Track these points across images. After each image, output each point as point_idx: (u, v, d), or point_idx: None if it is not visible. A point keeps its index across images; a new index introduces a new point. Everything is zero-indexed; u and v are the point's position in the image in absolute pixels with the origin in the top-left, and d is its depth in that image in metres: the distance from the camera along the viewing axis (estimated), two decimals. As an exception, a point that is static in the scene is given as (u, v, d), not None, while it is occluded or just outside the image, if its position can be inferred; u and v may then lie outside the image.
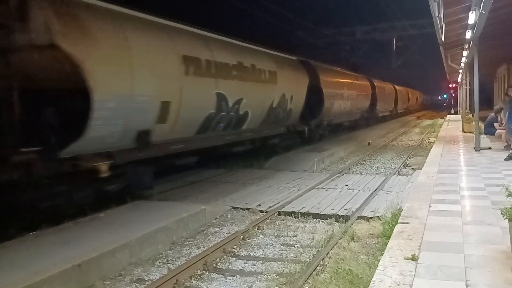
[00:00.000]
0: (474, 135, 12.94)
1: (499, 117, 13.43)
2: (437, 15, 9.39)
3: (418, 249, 4.34)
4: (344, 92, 20.44)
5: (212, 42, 10.05)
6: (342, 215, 7.62)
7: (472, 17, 9.16)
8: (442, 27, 10.65)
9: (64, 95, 6.42)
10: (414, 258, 4.05)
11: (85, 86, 6.24)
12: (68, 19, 6.35)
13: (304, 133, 16.21)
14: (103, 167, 6.96)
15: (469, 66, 17.61)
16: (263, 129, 12.99)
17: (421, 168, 10.13)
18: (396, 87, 37.71)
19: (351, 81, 22.04)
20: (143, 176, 8.40)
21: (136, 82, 7.29)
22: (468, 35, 11.17)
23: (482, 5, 7.99)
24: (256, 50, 12.60)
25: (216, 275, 5.49)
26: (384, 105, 31.43)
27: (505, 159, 10.05)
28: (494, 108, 14.95)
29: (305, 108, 15.53)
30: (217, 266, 5.77)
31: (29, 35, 6.03)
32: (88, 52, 6.41)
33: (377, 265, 4.03)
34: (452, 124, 25.84)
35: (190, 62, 8.74)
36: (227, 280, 5.34)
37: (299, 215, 7.85)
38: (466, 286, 3.49)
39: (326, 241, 6.39)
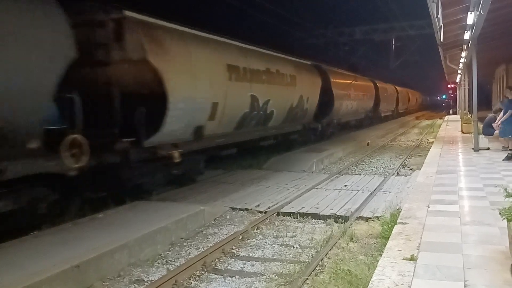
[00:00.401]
0: (472, 135, 12.95)
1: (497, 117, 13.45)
2: (435, 15, 9.40)
3: (417, 249, 4.34)
4: (351, 93, 21.97)
5: (247, 51, 12.05)
6: (341, 216, 7.63)
7: (470, 18, 9.17)
8: (441, 27, 10.66)
9: (149, 98, 8.10)
10: (413, 259, 4.06)
11: (164, 91, 8.08)
12: (155, 40, 8.25)
13: (317, 130, 18.01)
14: (175, 154, 8.93)
15: (468, 66, 17.63)
16: (284, 127, 14.84)
17: (420, 169, 10.14)
18: (397, 88, 38.98)
19: (357, 82, 23.74)
20: (198, 163, 10.43)
21: (196, 87, 9.18)
22: (467, 35, 11.19)
23: (480, 5, 8.01)
24: (279, 57, 14.40)
25: (215, 275, 5.49)
26: (386, 105, 33.05)
27: (503, 160, 10.07)
28: (493, 108, 14.97)
29: (318, 108, 17.32)
30: (216, 267, 5.77)
31: (124, 52, 7.74)
32: (167, 65, 8.28)
33: (376, 266, 4.04)
34: (450, 125, 25.87)
35: (232, 69, 10.60)
36: (226, 280, 5.34)
37: (298, 216, 7.86)
38: (465, 286, 3.49)
39: (325, 242, 6.39)
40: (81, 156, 6.67)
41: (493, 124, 13.02)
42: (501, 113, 10.81)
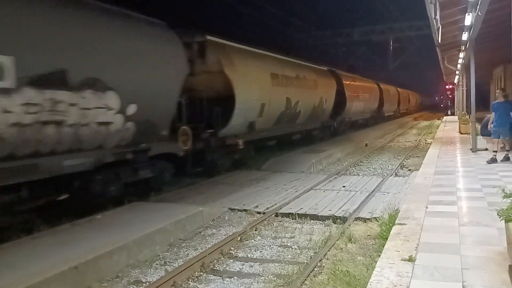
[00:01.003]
0: (470, 136, 12.98)
1: None
2: (433, 16, 9.43)
3: (415, 250, 4.35)
4: (360, 95, 24.63)
5: (283, 62, 15.05)
6: (339, 217, 7.63)
7: (468, 19, 9.19)
8: (439, 28, 10.68)
9: (222, 100, 10.74)
10: (411, 259, 4.07)
11: (233, 95, 10.92)
12: (227, 56, 11.19)
13: (332, 128, 20.95)
14: (240, 142, 11.93)
15: (466, 67, 17.65)
16: (307, 124, 17.65)
17: (418, 169, 10.16)
18: (399, 89, 41.02)
19: (365, 85, 26.55)
20: (250, 151, 13.32)
21: (251, 91, 11.91)
22: (465, 36, 11.22)
23: (478, 7, 8.02)
24: (305, 65, 17.30)
25: (213, 276, 5.49)
26: (389, 106, 35.53)
27: (501, 161, 10.07)
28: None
29: (333, 108, 20.10)
30: (215, 268, 5.77)
31: (206, 66, 10.28)
32: (235, 75, 11.09)
33: (374, 266, 4.04)
34: (449, 125, 25.91)
35: (274, 77, 13.49)
36: (224, 281, 5.34)
37: (297, 217, 7.86)
38: (463, 287, 3.50)
39: (323, 243, 6.40)
40: (187, 142, 9.60)
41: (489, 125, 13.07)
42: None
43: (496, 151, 10.24)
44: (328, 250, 5.99)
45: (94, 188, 7.50)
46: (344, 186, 10.20)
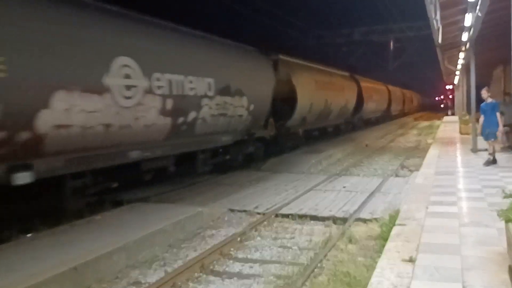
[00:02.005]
0: (471, 136, 12.96)
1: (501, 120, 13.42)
2: (433, 17, 9.42)
3: (416, 251, 4.34)
4: (373, 96, 28.08)
5: (321, 70, 18.98)
6: (339, 217, 7.61)
7: (468, 19, 9.19)
8: (439, 29, 10.69)
9: (288, 100, 14.45)
10: (411, 260, 4.06)
11: (295, 97, 14.61)
12: (292, 69, 14.98)
13: (352, 123, 25.08)
14: (300, 131, 16.34)
15: (466, 67, 17.65)
16: (336, 120, 21.56)
17: (419, 170, 10.14)
18: (403, 90, 44.75)
19: (377, 87, 30.30)
20: (302, 139, 17.09)
21: (304, 94, 15.35)
22: (465, 37, 11.22)
23: (478, 7, 8.02)
24: (335, 73, 21.21)
25: (213, 277, 5.48)
26: (396, 106, 39.41)
27: (483, 164, 9.85)
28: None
29: (354, 107, 23.57)
30: (214, 269, 5.75)
31: (279, 76, 13.66)
32: (297, 83, 14.85)
33: (375, 267, 4.03)
34: (449, 126, 25.90)
35: (317, 83, 17.03)
36: (224, 282, 5.33)
37: (297, 217, 7.84)
38: (463, 287, 3.49)
39: (323, 243, 6.38)
40: (272, 129, 13.83)
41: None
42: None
43: (491, 153, 10.03)
44: (329, 251, 5.98)
45: (231, 156, 12.01)
46: (344, 187, 10.19)
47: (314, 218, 7.77)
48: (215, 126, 10.21)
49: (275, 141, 14.46)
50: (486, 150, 12.01)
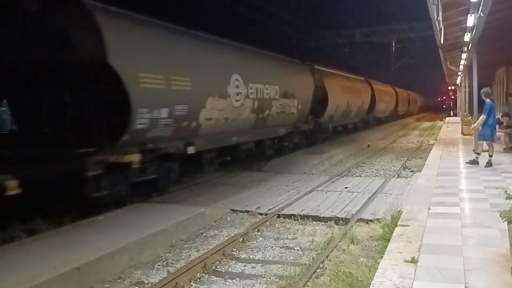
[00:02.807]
0: (473, 137, 12.93)
1: (504, 120, 13.39)
2: (435, 17, 9.41)
3: (418, 251, 4.34)
4: (384, 98, 31.83)
5: (345, 77, 22.67)
6: (341, 218, 7.62)
7: (470, 20, 9.17)
8: (441, 29, 10.66)
9: (322, 102, 17.65)
10: (413, 261, 4.06)
11: (327, 97, 17.74)
12: (325, 76, 18.55)
13: (367, 121, 28.76)
14: (329, 126, 19.98)
15: (468, 68, 17.62)
16: (355, 118, 25.18)
17: (421, 171, 10.13)
18: (408, 92, 48.38)
19: (386, 89, 33.99)
20: (330, 133, 20.59)
21: (333, 96, 18.45)
22: (467, 37, 11.19)
23: (480, 8, 8.01)
24: (354, 78, 24.95)
25: (215, 278, 5.49)
26: (402, 107, 43.05)
27: (485, 166, 9.60)
28: (503, 111, 14.79)
29: (368, 108, 27.16)
30: (217, 269, 5.77)
31: (315, 82, 16.87)
32: (329, 87, 18.21)
33: (377, 268, 4.03)
34: (451, 127, 25.86)
35: (342, 87, 20.54)
36: (226, 283, 5.34)
37: (299, 218, 7.85)
38: (466, 288, 3.49)
39: (325, 244, 6.39)
40: (310, 124, 17.18)
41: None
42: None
43: (491, 155, 9.75)
44: (330, 252, 5.98)
45: (287, 145, 15.73)
46: (346, 188, 10.19)
47: (316, 218, 7.78)
48: (277, 121, 14.00)
49: (312, 133, 18.05)
50: (487, 151, 12.02)
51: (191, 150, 9.51)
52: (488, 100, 9.84)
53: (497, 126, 12.94)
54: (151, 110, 7.87)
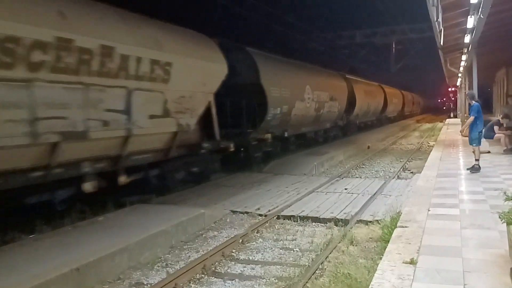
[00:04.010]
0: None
1: (504, 122, 13.38)
2: (435, 19, 9.42)
3: (417, 253, 4.34)
4: (393, 99, 36.54)
5: (367, 83, 27.85)
6: (341, 219, 7.62)
7: (470, 22, 9.19)
8: (441, 31, 10.68)
9: (351, 103, 22.55)
10: (412, 262, 4.06)
11: (355, 101, 22.97)
12: (354, 83, 23.55)
13: (380, 119, 33.99)
14: (356, 122, 26.04)
15: (468, 70, 17.64)
16: (372, 117, 30.64)
17: (421, 172, 10.13)
18: (412, 94, 53.52)
19: (395, 92, 38.53)
20: (356, 128, 26.24)
21: (359, 99, 23.65)
22: (467, 39, 11.21)
23: (480, 9, 8.02)
24: (371, 83, 29.73)
25: (215, 279, 5.49)
26: (407, 107, 47.96)
27: (470, 171, 9.27)
28: (503, 113, 14.72)
29: (381, 108, 32.16)
30: (216, 270, 5.77)
31: (347, 86, 22.23)
32: (357, 92, 23.29)
33: (376, 269, 4.03)
34: (451, 128, 25.86)
35: (365, 91, 25.55)
36: (226, 284, 5.34)
37: (298, 219, 7.86)
38: (465, 290, 3.49)
39: (325, 245, 6.39)
40: (344, 121, 22.70)
41: (494, 128, 12.98)
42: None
43: (477, 159, 9.29)
44: (330, 253, 5.99)
45: (330, 135, 21.09)
46: (346, 189, 10.19)
47: (316, 220, 7.78)
48: (326, 117, 19.13)
49: (346, 127, 23.31)
50: (488, 152, 12.03)
51: (285, 134, 15.02)
52: (473, 102, 9.35)
53: (496, 127, 12.99)
54: (274, 109, 13.31)
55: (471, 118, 9.18)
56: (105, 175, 7.58)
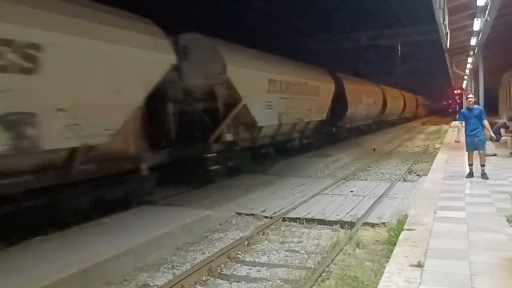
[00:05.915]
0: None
1: (510, 125, 13.31)
2: (442, 22, 9.40)
3: (424, 256, 4.33)
4: (410, 103, 42.20)
5: (385, 89, 31.80)
6: (347, 222, 7.60)
7: (477, 24, 9.16)
8: (447, 33, 10.65)
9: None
10: (419, 265, 4.05)
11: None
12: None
13: (378, 123, 32.72)
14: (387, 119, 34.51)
15: (474, 72, 17.57)
16: (392, 117, 35.62)
17: (427, 175, 10.10)
18: (417, 96, 54.63)
19: (395, 94, 38.23)
20: (370, 126, 29.31)
21: (390, 100, 32.14)
22: (473, 41, 11.18)
23: (487, 12, 8.00)
24: (392, 89, 34.31)
25: (221, 281, 5.49)
26: (409, 109, 48.62)
27: (466, 177, 8.88)
28: (509, 116, 14.65)
29: (401, 110, 37.38)
30: (222, 272, 5.77)
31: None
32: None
33: (383, 272, 4.03)
34: (457, 130, 25.69)
35: (386, 93, 31.03)
36: (232, 286, 5.34)
37: (304, 221, 7.84)
38: (472, 293, 3.48)
39: (331, 248, 6.38)
40: (377, 117, 30.10)
41: (501, 130, 12.90)
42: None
43: (471, 164, 8.91)
44: (336, 255, 5.97)
45: (372, 128, 29.10)
46: (352, 191, 10.17)
47: (322, 222, 7.77)
48: (369, 115, 25.10)
49: (379, 123, 28.77)
50: (494, 155, 11.97)
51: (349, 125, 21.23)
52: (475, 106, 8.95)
53: (502, 130, 12.92)
54: (351, 106, 19.39)
55: (461, 125, 9.04)
56: None
